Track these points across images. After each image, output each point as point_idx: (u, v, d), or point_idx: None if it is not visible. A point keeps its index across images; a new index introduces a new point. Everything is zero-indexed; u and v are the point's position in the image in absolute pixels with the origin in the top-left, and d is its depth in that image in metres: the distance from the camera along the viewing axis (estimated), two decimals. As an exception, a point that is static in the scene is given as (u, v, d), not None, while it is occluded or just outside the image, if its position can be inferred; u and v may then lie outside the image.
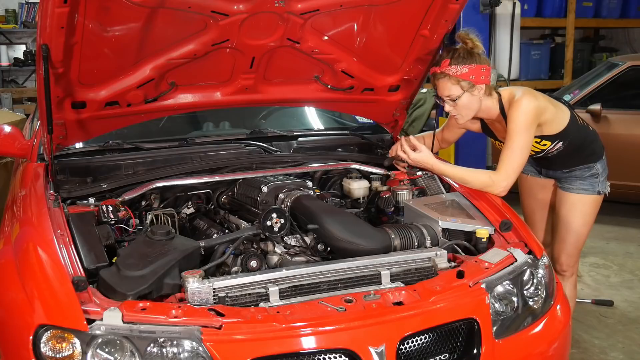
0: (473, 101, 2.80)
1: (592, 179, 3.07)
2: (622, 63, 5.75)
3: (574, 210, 3.10)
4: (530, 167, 3.27)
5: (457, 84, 2.75)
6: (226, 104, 2.99)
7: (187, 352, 1.85)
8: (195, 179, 2.76)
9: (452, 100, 2.78)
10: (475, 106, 2.83)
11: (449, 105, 2.81)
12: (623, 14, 8.44)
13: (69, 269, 2.03)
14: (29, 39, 8.07)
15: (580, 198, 3.08)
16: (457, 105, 2.80)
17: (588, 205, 3.10)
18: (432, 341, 2.05)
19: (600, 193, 3.10)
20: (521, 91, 2.84)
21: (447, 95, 2.78)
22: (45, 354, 1.84)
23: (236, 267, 2.34)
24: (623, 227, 5.68)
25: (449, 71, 2.74)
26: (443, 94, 2.79)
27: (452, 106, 2.81)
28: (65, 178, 2.76)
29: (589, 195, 3.08)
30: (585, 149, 3.04)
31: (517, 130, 2.76)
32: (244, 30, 2.54)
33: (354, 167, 3.03)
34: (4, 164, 4.55)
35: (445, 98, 2.80)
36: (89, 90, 2.59)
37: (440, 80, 2.78)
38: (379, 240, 2.40)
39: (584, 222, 3.13)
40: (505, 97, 2.87)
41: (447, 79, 2.75)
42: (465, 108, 2.81)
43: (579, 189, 3.08)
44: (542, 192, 3.30)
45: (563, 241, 3.16)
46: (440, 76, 2.77)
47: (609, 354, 3.50)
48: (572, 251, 3.17)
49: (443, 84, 2.77)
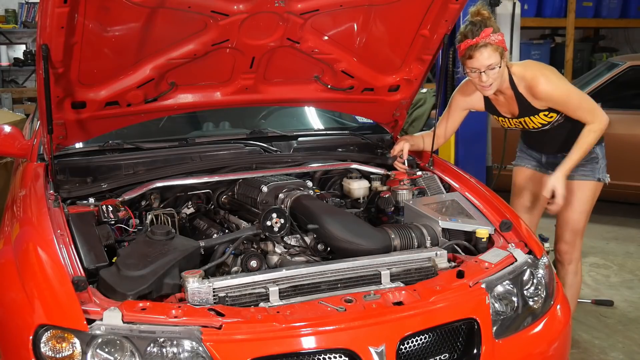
0: (504, 69, 2.87)
1: (592, 163, 3.11)
2: (622, 63, 5.75)
3: (573, 197, 3.12)
4: (530, 158, 3.30)
5: (496, 51, 2.79)
6: (226, 104, 2.99)
7: (187, 352, 1.86)
8: (195, 179, 2.76)
9: (492, 69, 2.80)
10: (503, 74, 2.89)
11: (486, 75, 2.82)
12: (623, 14, 8.45)
13: (69, 269, 2.03)
14: (29, 39, 8.07)
15: (580, 185, 3.12)
16: (494, 74, 2.82)
17: (587, 192, 3.13)
18: (432, 341, 2.06)
19: (600, 180, 3.13)
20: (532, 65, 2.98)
21: (489, 65, 2.79)
22: (45, 354, 1.84)
23: (236, 267, 2.34)
24: (623, 227, 5.68)
25: (490, 40, 2.76)
26: (484, 64, 2.79)
27: (489, 76, 2.82)
28: (65, 178, 2.75)
29: (588, 181, 3.11)
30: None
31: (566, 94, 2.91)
32: (244, 30, 2.54)
33: (354, 167, 3.03)
34: (4, 164, 4.55)
35: (484, 69, 2.80)
36: (89, 90, 2.59)
37: (481, 49, 2.77)
38: (379, 240, 2.40)
39: (582, 210, 3.16)
40: (517, 74, 2.94)
41: (489, 47, 2.77)
42: (499, 76, 2.86)
43: (579, 175, 3.11)
44: (537, 188, 3.27)
45: (561, 228, 3.20)
46: (483, 45, 2.77)
47: (609, 354, 3.49)
48: (570, 238, 3.20)
49: (486, 53, 2.77)
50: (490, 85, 2.87)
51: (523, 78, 2.93)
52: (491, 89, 2.90)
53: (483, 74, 2.82)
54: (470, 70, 2.85)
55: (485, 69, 2.80)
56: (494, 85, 2.88)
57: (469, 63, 2.83)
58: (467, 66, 2.85)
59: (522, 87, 2.95)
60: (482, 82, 2.84)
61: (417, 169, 3.06)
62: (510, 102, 3.03)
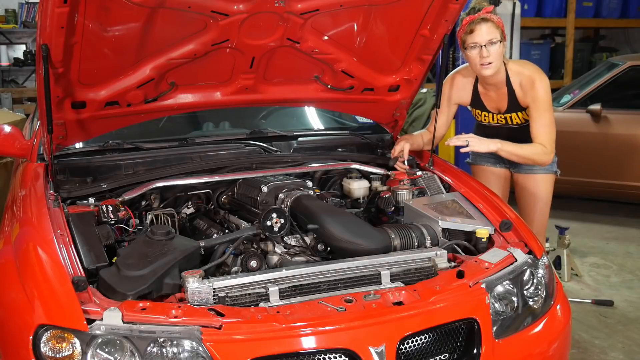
0: (502, 53, 2.99)
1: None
2: (622, 63, 5.74)
3: (539, 190, 3.30)
4: (488, 156, 3.37)
5: (497, 29, 2.94)
6: (226, 104, 2.99)
7: (187, 352, 1.86)
8: (195, 179, 2.76)
9: (493, 43, 2.92)
10: (501, 60, 3.00)
11: (486, 50, 2.93)
12: (623, 14, 8.44)
13: (69, 269, 2.04)
14: (29, 39, 8.07)
15: (543, 178, 3.29)
16: (494, 50, 2.94)
17: (549, 184, 3.32)
18: (432, 341, 2.06)
19: (555, 173, 3.33)
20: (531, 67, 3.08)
21: (489, 39, 2.92)
22: (45, 354, 1.84)
23: (236, 267, 2.34)
24: (623, 227, 5.68)
25: (491, 17, 2.93)
26: (484, 38, 2.93)
27: (489, 52, 2.94)
28: (65, 178, 2.76)
29: (548, 174, 3.31)
30: None
31: (547, 107, 3.02)
32: (244, 30, 2.54)
33: (354, 167, 3.03)
34: (4, 164, 4.55)
35: (485, 43, 2.92)
36: (89, 90, 2.59)
37: (482, 24, 2.93)
38: (379, 240, 2.40)
39: (547, 201, 3.35)
40: (513, 69, 3.06)
41: (490, 23, 2.93)
42: (499, 56, 2.97)
43: (541, 169, 3.27)
44: (497, 183, 3.39)
45: (531, 221, 3.29)
46: (484, 19, 2.93)
47: (609, 354, 3.49)
48: (539, 229, 3.31)
49: (486, 27, 2.93)
50: (490, 64, 2.96)
51: (520, 74, 3.05)
52: (491, 68, 2.98)
53: (484, 48, 2.93)
54: (471, 47, 2.97)
55: (486, 43, 2.93)
56: (494, 64, 2.98)
57: (469, 39, 2.97)
58: (468, 43, 2.98)
59: (517, 83, 3.06)
60: (483, 57, 2.95)
61: (417, 169, 3.06)
62: (500, 98, 3.12)
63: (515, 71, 3.05)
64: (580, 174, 5.47)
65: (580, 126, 5.55)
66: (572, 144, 5.32)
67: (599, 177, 5.59)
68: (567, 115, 5.57)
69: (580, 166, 5.44)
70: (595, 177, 5.59)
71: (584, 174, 5.51)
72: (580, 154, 5.47)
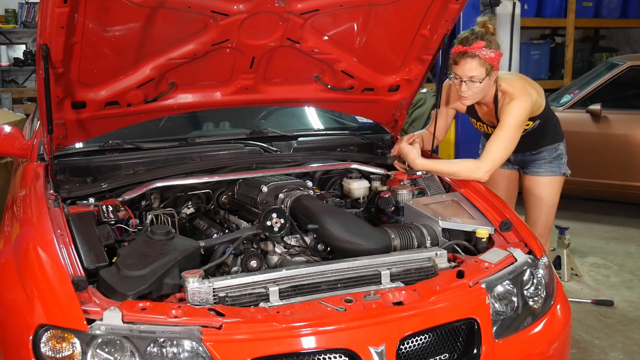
0: (488, 86, 2.92)
1: (558, 160, 3.30)
2: (622, 63, 5.75)
3: (545, 192, 3.30)
4: None
5: (483, 66, 2.83)
6: (226, 104, 2.99)
7: (187, 352, 1.86)
8: (195, 179, 2.76)
9: (473, 82, 2.85)
10: (487, 91, 2.95)
11: (466, 85, 2.87)
12: (623, 14, 8.44)
13: (69, 269, 2.03)
14: (29, 39, 8.06)
15: (550, 180, 3.30)
16: (475, 87, 2.87)
17: (556, 186, 3.32)
18: (432, 341, 2.06)
19: (564, 175, 3.32)
20: (519, 88, 2.98)
21: (471, 76, 2.84)
22: (45, 354, 1.84)
23: (236, 267, 2.34)
24: (623, 227, 5.68)
25: (480, 53, 2.80)
26: (466, 74, 2.85)
27: (469, 87, 2.88)
28: (65, 178, 2.75)
29: (556, 176, 3.30)
30: (553, 127, 3.28)
31: (510, 125, 2.91)
32: (244, 30, 2.54)
33: (354, 167, 3.03)
34: (4, 164, 4.55)
35: (466, 79, 2.85)
36: (89, 90, 2.59)
37: (467, 59, 2.83)
38: (379, 240, 2.40)
39: (553, 203, 3.34)
40: (502, 87, 2.99)
41: (476, 60, 2.82)
42: (480, 91, 2.91)
43: (547, 171, 3.29)
44: (503, 184, 3.41)
45: (535, 223, 3.31)
46: (470, 56, 2.82)
47: (609, 354, 3.49)
48: (543, 231, 3.33)
49: (470, 64, 2.83)
50: (467, 97, 2.93)
51: (505, 92, 3.00)
52: (468, 101, 2.97)
53: (464, 83, 2.88)
54: (454, 75, 2.92)
55: (467, 80, 2.87)
56: (471, 98, 2.94)
57: (454, 68, 2.91)
58: (453, 71, 2.92)
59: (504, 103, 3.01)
60: (462, 91, 2.91)
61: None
62: (491, 113, 3.12)
63: (503, 89, 3.00)
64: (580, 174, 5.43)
65: (580, 126, 5.55)
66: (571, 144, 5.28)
67: (598, 177, 5.59)
68: (567, 115, 5.56)
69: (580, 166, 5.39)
70: (595, 177, 5.58)
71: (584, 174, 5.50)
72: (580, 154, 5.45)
